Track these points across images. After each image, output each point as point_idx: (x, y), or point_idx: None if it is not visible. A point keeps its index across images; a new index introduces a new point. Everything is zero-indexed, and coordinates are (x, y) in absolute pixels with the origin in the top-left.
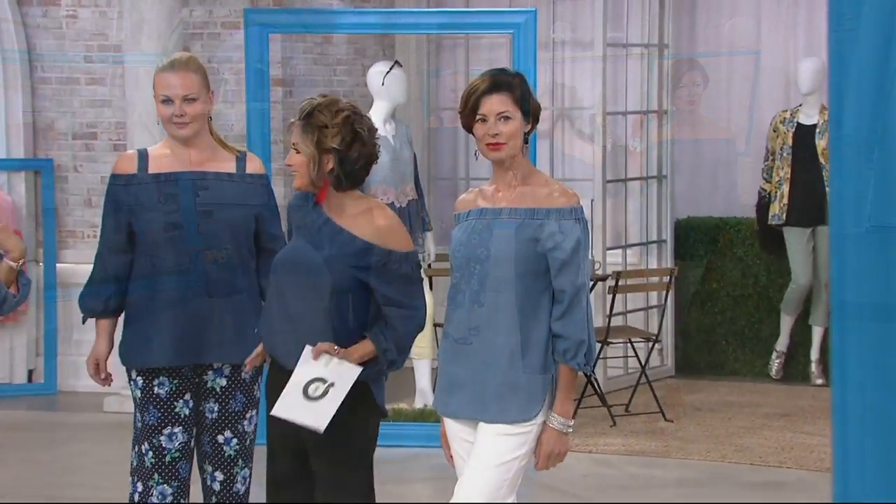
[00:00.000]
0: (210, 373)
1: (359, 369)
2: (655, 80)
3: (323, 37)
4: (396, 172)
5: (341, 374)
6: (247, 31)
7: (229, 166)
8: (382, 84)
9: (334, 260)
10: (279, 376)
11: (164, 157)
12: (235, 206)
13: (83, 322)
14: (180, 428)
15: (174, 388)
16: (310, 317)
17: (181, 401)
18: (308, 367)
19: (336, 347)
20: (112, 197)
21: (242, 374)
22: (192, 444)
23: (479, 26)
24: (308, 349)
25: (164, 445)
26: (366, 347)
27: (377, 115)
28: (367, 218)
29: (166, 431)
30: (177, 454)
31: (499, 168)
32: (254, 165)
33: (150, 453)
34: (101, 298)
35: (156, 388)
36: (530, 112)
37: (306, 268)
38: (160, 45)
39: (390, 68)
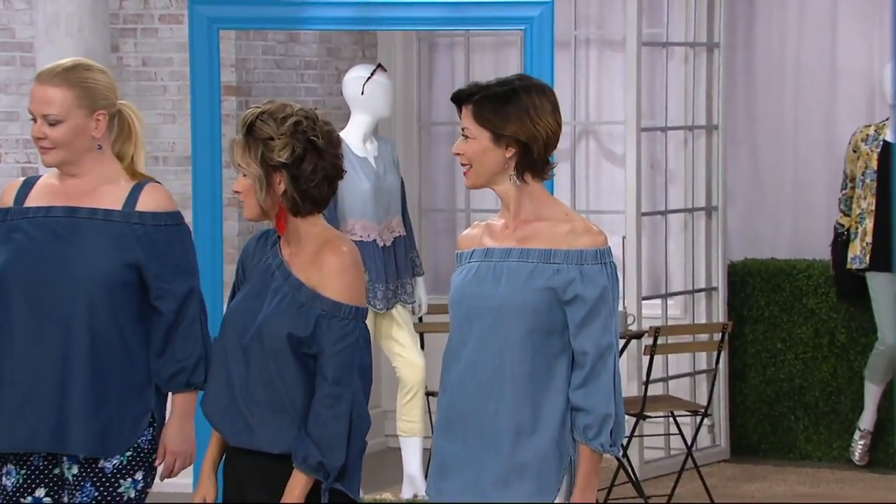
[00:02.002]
0: (66, 460)
1: None
2: (703, 88)
3: (287, 34)
4: (379, 203)
5: None
6: (191, 27)
7: (115, 201)
8: (362, 93)
9: (277, 317)
10: (230, 455)
11: (46, 188)
12: (99, 256)
13: None
14: None
15: (21, 481)
16: (252, 388)
17: (31, 497)
18: None
19: None
20: None
21: (102, 464)
22: None
23: (483, 21)
24: None
25: None
26: (297, 479)
27: (355, 131)
28: (316, 256)
29: None
30: None
31: (500, 198)
32: (150, 200)
33: None
34: None
35: (2, 479)
36: (502, 135)
37: (243, 326)
38: (82, 45)
39: (371, 73)
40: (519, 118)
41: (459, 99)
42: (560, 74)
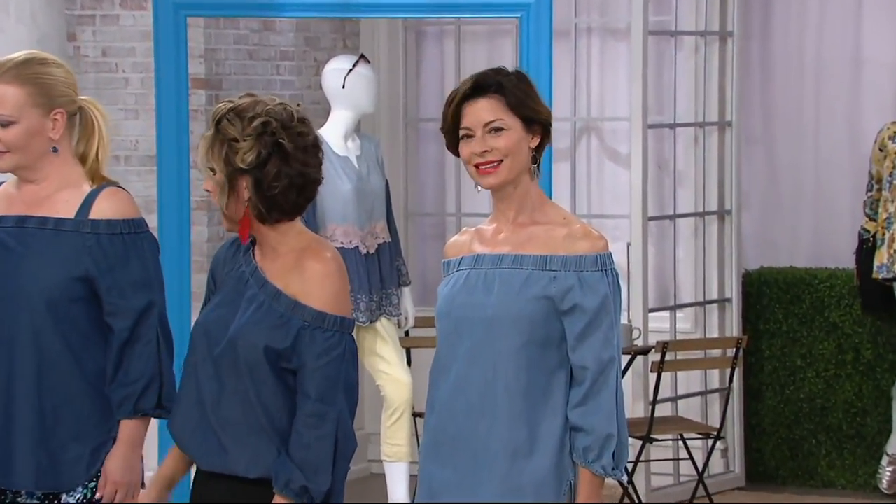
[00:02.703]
0: (24, 494)
1: None
2: (715, 81)
3: (262, 22)
4: (362, 206)
5: None
6: (156, 14)
7: (70, 209)
8: (343, 86)
9: (252, 328)
10: (200, 480)
11: (3, 196)
12: (45, 270)
13: None
14: None
15: None
16: (225, 405)
17: None
18: None
19: None
20: None
21: (64, 499)
22: None
23: (475, 8)
24: None
25: None
26: None
27: (336, 128)
28: (297, 263)
29: None
30: None
31: (499, 200)
32: (106, 207)
33: None
34: None
35: None
36: (536, 120)
37: (214, 338)
38: (35, 33)
39: (353, 65)
40: (541, 100)
41: (484, 89)
42: (559, 66)
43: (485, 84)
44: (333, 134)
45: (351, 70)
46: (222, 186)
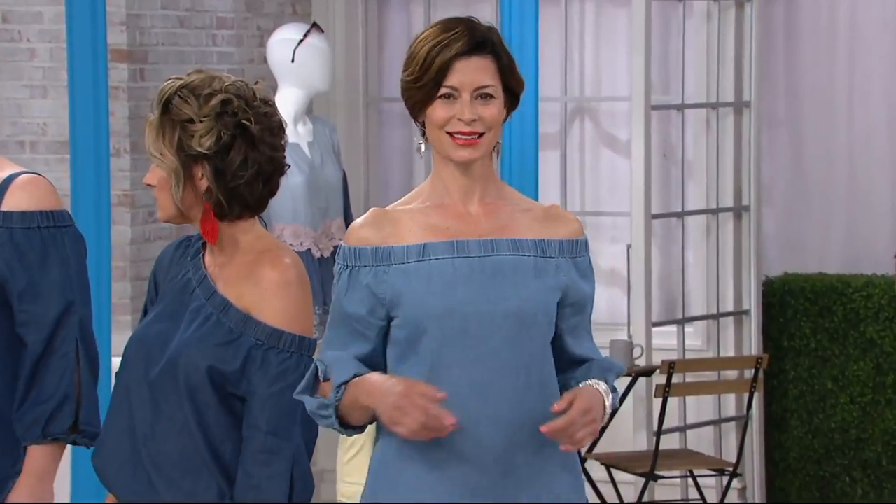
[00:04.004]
0: None
1: None
2: (731, 54)
3: None
4: (314, 202)
5: None
6: None
7: None
8: (292, 60)
9: (195, 345)
10: None
11: None
12: None
13: None
14: None
15: None
16: (160, 436)
17: None
18: None
19: None
20: None
21: None
22: None
23: None
24: None
25: None
26: None
27: (284, 109)
28: (251, 270)
29: None
30: None
31: (464, 175)
32: (21, 197)
33: None
34: None
35: None
36: (514, 93)
37: (151, 357)
38: None
39: (304, 35)
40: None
41: (481, 46)
42: (547, 37)
43: (482, 40)
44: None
45: (301, 41)
46: (176, 175)
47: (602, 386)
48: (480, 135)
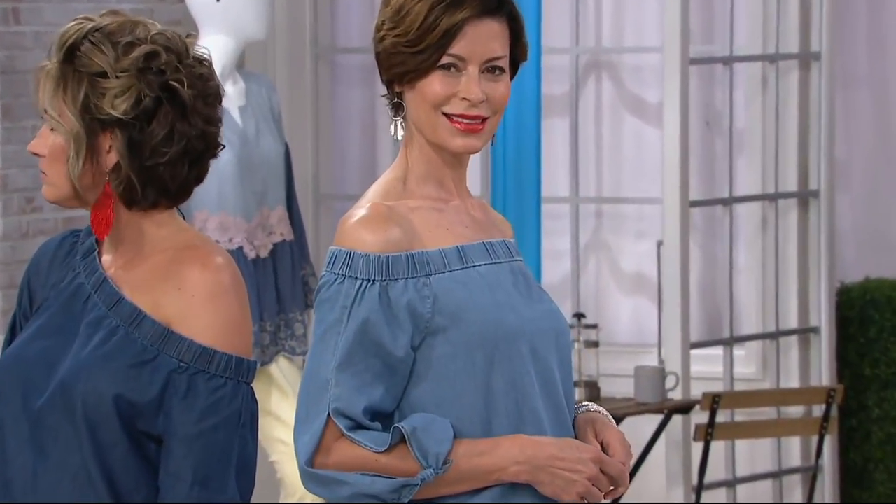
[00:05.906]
0: None
1: None
2: None
3: None
4: (248, 185)
5: None
6: None
7: None
8: (218, 1)
9: (96, 369)
10: None
11: None
12: None
13: None
14: None
15: None
16: (46, 486)
17: None
18: None
19: None
20: None
21: None
22: None
23: None
24: None
25: None
26: None
27: None
28: (170, 271)
29: None
30: None
31: (453, 168)
32: None
33: None
34: None
35: None
36: (517, 64)
37: (31, 384)
38: None
39: None
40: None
41: (499, 6)
42: None
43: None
44: None
45: None
46: (77, 141)
47: (593, 406)
48: (485, 119)
